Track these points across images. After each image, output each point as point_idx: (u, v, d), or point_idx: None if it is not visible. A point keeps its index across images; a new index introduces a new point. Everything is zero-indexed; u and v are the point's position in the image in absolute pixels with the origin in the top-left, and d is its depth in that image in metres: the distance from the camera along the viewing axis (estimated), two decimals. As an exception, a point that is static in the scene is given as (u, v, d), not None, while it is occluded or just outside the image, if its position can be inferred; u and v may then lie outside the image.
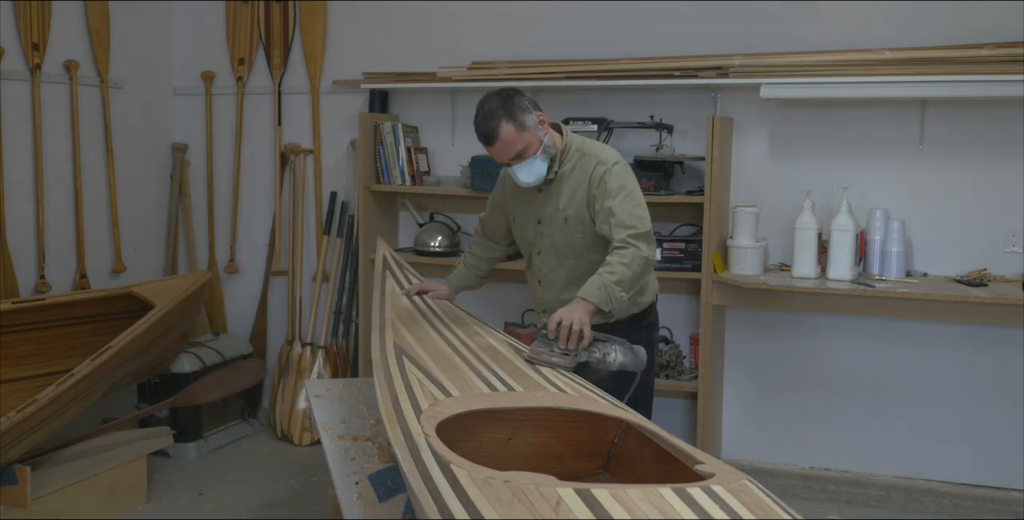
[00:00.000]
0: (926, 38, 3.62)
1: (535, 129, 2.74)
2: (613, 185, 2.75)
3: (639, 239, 2.69)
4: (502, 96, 2.74)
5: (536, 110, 2.76)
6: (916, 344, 3.76)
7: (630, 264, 2.66)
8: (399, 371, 2.40)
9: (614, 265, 2.66)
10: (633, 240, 2.69)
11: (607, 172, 2.77)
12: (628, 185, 2.76)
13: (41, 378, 3.73)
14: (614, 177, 2.76)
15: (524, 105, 2.73)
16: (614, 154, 2.85)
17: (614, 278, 2.64)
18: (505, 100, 2.72)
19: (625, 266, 2.65)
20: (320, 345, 4.56)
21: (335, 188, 4.66)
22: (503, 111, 2.70)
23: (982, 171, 3.64)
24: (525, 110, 2.72)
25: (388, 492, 2.38)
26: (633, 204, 2.74)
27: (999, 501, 3.65)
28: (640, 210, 2.74)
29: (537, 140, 2.75)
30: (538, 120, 2.76)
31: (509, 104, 2.71)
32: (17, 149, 4.03)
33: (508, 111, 2.70)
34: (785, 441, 3.97)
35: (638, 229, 2.70)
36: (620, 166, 2.80)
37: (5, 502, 3.21)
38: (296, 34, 4.66)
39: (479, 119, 2.74)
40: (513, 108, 2.71)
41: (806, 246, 3.62)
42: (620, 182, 2.76)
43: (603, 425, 2.31)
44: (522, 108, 2.72)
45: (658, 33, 4.01)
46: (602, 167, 2.78)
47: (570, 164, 2.84)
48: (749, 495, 1.69)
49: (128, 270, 4.57)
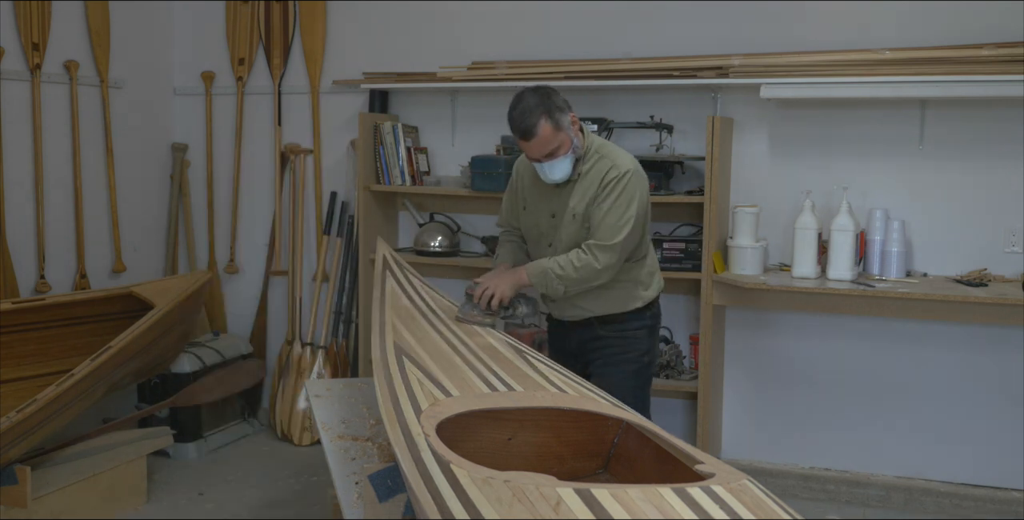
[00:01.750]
0: (926, 38, 3.62)
1: (568, 129, 2.83)
2: (614, 192, 2.85)
3: (603, 250, 2.83)
4: (540, 93, 2.81)
5: (571, 110, 2.85)
6: (916, 344, 3.76)
7: (579, 269, 2.84)
8: (399, 371, 2.40)
9: (568, 263, 2.85)
10: (597, 250, 2.84)
11: (617, 179, 2.86)
12: (625, 195, 2.85)
13: (41, 378, 3.73)
14: (620, 185, 2.85)
15: (560, 105, 2.81)
16: (630, 161, 2.92)
17: (559, 272, 2.86)
18: (544, 98, 2.79)
19: (575, 269, 2.85)
20: (320, 345, 4.56)
21: (335, 188, 4.66)
22: (542, 109, 2.77)
23: (982, 171, 3.63)
24: (561, 110, 2.81)
25: (388, 492, 2.38)
26: (619, 215, 2.84)
27: (999, 501, 3.65)
28: (621, 224, 2.84)
29: (569, 140, 2.84)
30: (571, 121, 2.84)
31: (548, 102, 2.79)
32: (17, 149, 4.03)
33: (547, 109, 2.78)
34: (785, 441, 3.97)
35: (606, 241, 2.83)
36: (631, 176, 2.87)
37: (5, 502, 3.21)
38: (296, 34, 4.66)
39: (517, 113, 2.80)
40: (551, 107, 2.79)
41: (806, 246, 3.62)
42: (621, 190, 2.85)
43: (603, 425, 2.32)
44: (559, 108, 2.80)
45: (658, 33, 4.01)
46: (615, 172, 2.87)
47: (588, 164, 2.91)
48: (749, 495, 1.69)
49: (128, 270, 4.57)
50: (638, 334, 3.04)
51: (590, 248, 2.85)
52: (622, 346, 3.03)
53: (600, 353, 3.05)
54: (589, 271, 2.85)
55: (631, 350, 3.04)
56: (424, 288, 3.17)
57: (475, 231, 4.34)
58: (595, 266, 2.84)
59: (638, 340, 3.05)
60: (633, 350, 3.04)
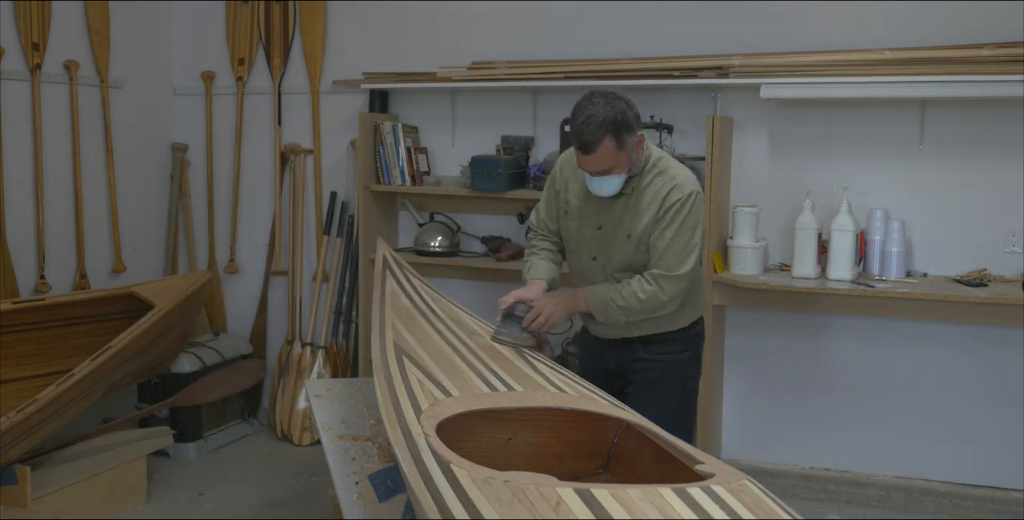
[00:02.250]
0: (926, 38, 3.62)
1: (631, 149, 2.60)
2: (678, 217, 2.65)
3: (669, 281, 2.65)
4: (614, 105, 2.54)
5: (639, 128, 2.61)
6: (916, 344, 3.76)
7: (644, 301, 2.66)
8: (399, 371, 2.40)
9: (630, 293, 2.67)
10: (663, 281, 2.65)
11: (681, 202, 2.65)
12: (690, 220, 2.66)
13: (41, 378, 3.73)
14: (685, 209, 2.65)
15: (631, 123, 2.56)
16: (692, 179, 2.71)
17: (621, 303, 2.68)
18: (617, 113, 2.53)
19: (639, 301, 2.66)
20: (320, 345, 4.56)
21: (335, 188, 4.66)
22: (610, 127, 2.52)
23: (982, 171, 3.63)
24: (631, 130, 2.56)
25: (388, 492, 2.38)
26: (684, 244, 2.66)
27: (999, 501, 3.65)
28: (689, 252, 2.67)
29: (628, 161, 2.61)
30: (637, 140, 2.61)
31: (619, 120, 2.53)
32: (17, 149, 4.03)
33: (615, 128, 2.52)
34: (785, 441, 3.97)
35: (673, 271, 2.65)
36: (696, 199, 2.67)
37: (5, 502, 3.22)
38: (296, 34, 4.66)
39: (581, 122, 2.54)
40: (621, 126, 2.53)
41: (806, 246, 3.62)
42: (686, 215, 2.65)
43: (603, 425, 2.31)
44: (629, 127, 2.55)
45: (658, 33, 4.01)
46: (678, 194, 2.65)
47: (646, 180, 2.69)
48: (749, 495, 1.69)
49: (128, 270, 4.57)
50: (682, 357, 2.84)
51: (655, 278, 2.65)
52: (664, 370, 2.82)
53: (639, 375, 2.83)
54: (655, 303, 2.67)
55: (674, 375, 2.84)
56: (424, 288, 3.17)
57: (475, 231, 4.34)
58: (661, 298, 2.66)
59: (682, 364, 2.85)
60: (676, 375, 2.84)
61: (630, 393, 2.80)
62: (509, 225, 4.28)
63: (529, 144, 4.15)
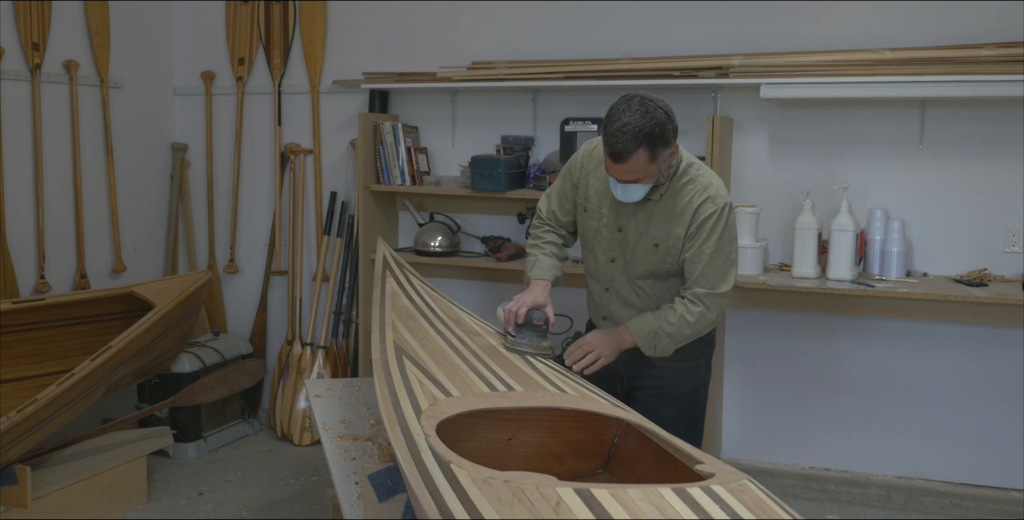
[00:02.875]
0: (926, 38, 3.62)
1: (663, 162, 2.50)
2: (715, 232, 2.57)
3: (714, 300, 2.60)
4: (655, 118, 2.41)
5: (675, 139, 2.49)
6: (916, 344, 3.76)
7: (693, 324, 2.60)
8: (399, 371, 2.40)
9: (678, 318, 2.60)
10: (708, 300, 2.60)
11: (715, 216, 2.57)
12: (727, 234, 2.59)
13: (41, 378, 3.73)
14: (721, 223, 2.57)
15: (669, 137, 2.45)
16: (724, 190, 2.63)
17: (670, 330, 2.60)
18: (655, 124, 2.41)
19: (688, 325, 2.60)
20: (320, 345, 4.56)
21: (335, 188, 4.66)
22: (646, 139, 2.40)
23: (982, 171, 3.63)
24: (667, 143, 2.45)
25: (388, 492, 2.38)
26: (724, 259, 2.60)
27: (999, 501, 3.65)
28: (729, 267, 2.61)
29: (658, 172, 2.52)
30: (671, 152, 2.51)
31: (656, 132, 2.41)
32: (17, 149, 4.03)
33: (651, 141, 2.41)
34: (785, 441, 3.97)
35: (717, 289, 2.60)
36: (727, 212, 2.59)
37: (5, 502, 3.22)
38: (296, 34, 4.66)
39: (617, 129, 2.41)
40: (657, 140, 2.42)
41: (806, 246, 3.62)
42: (722, 229, 2.58)
43: (603, 425, 2.31)
44: (666, 141, 2.44)
45: (658, 33, 4.01)
46: (710, 206, 2.57)
47: (675, 187, 2.61)
48: (749, 495, 1.69)
49: (128, 270, 4.57)
50: (697, 365, 2.79)
51: (700, 299, 2.59)
52: (678, 378, 2.77)
53: (652, 382, 2.77)
54: (704, 323, 2.61)
55: (687, 382, 2.79)
56: (424, 288, 3.17)
57: (475, 231, 4.34)
58: (710, 317, 2.60)
59: (696, 372, 2.79)
60: (689, 383, 2.79)
61: (639, 399, 2.75)
62: (509, 225, 4.28)
63: (529, 144, 4.16)
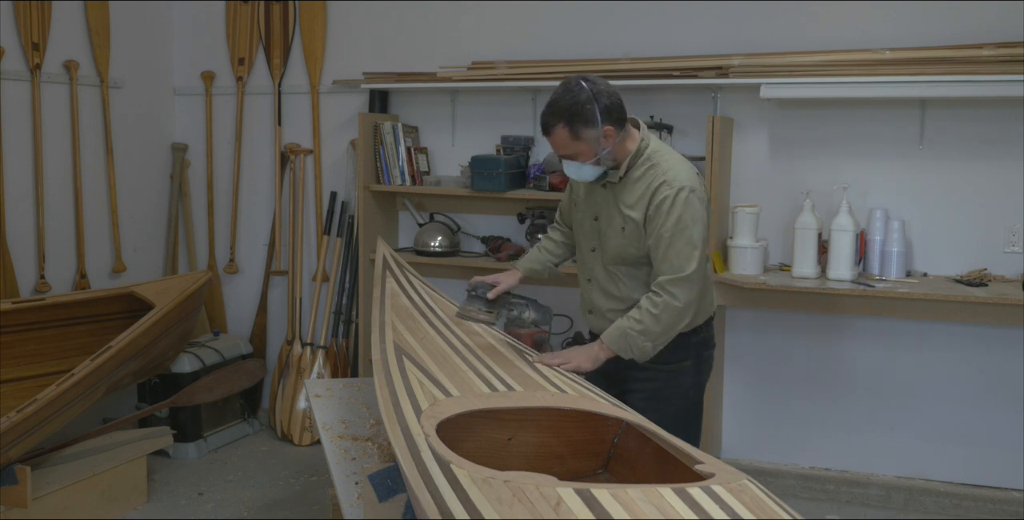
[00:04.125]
0: (926, 38, 3.62)
1: (593, 142, 2.54)
2: (672, 214, 2.55)
3: (677, 285, 2.53)
4: (577, 98, 2.51)
5: (606, 124, 2.53)
6: (916, 344, 3.76)
7: (659, 316, 2.53)
8: (399, 371, 2.40)
9: (643, 314, 2.55)
10: (671, 286, 2.53)
11: (671, 199, 2.54)
12: (687, 217, 2.54)
13: (41, 378, 3.73)
14: (677, 206, 2.54)
15: (592, 117, 2.51)
16: (685, 176, 2.59)
17: (638, 328, 2.55)
18: (575, 104, 2.51)
19: (654, 317, 2.54)
20: (320, 345, 4.56)
21: (335, 188, 4.66)
22: (565, 115, 2.52)
23: (982, 171, 3.63)
24: (590, 123, 2.51)
25: (388, 492, 2.38)
26: (685, 242, 2.54)
27: (999, 501, 3.65)
28: (689, 249, 2.55)
29: (591, 151, 2.56)
30: (603, 134, 2.54)
31: (577, 110, 2.51)
32: (17, 149, 4.03)
33: (570, 117, 2.51)
34: (785, 441, 3.97)
35: (680, 273, 2.53)
36: (685, 194, 2.55)
37: (5, 502, 3.22)
38: (296, 34, 4.66)
39: (547, 104, 2.56)
40: (576, 117, 2.51)
41: (806, 246, 3.62)
42: (679, 212, 2.54)
43: (603, 425, 2.31)
44: (587, 120, 2.51)
45: (658, 33, 4.01)
46: (667, 190, 2.55)
47: (638, 172, 2.62)
48: (749, 495, 1.69)
49: (128, 270, 4.57)
50: (682, 367, 2.72)
51: (662, 286, 2.53)
52: (663, 381, 2.72)
53: (639, 386, 2.74)
54: (671, 313, 2.53)
55: (674, 386, 2.73)
56: (424, 288, 3.17)
57: (475, 231, 4.34)
58: (676, 305, 2.52)
59: (682, 374, 2.73)
60: (676, 386, 2.73)
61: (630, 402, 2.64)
62: (509, 225, 4.28)
63: (529, 144, 4.16)
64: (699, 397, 2.81)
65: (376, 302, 3.05)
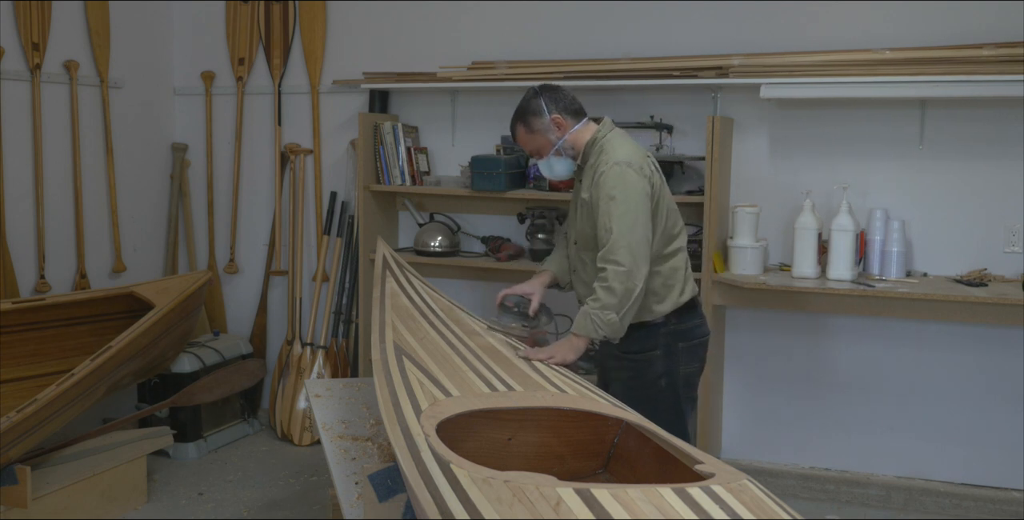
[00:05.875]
0: (926, 38, 3.62)
1: (545, 132, 2.81)
2: (605, 186, 2.64)
3: (615, 252, 2.59)
4: (527, 96, 2.85)
5: (553, 112, 2.79)
6: (916, 344, 3.76)
7: (610, 285, 2.58)
8: (399, 371, 2.40)
9: (597, 292, 2.62)
10: (610, 254, 2.60)
11: (605, 174, 2.65)
12: (619, 187, 2.62)
13: (41, 378, 3.73)
14: (609, 178, 2.64)
15: (539, 108, 2.80)
16: (624, 153, 2.69)
17: (596, 305, 2.61)
18: (527, 101, 2.83)
19: (606, 289, 2.59)
20: (320, 345, 4.56)
21: (335, 188, 4.66)
22: (519, 112, 2.84)
23: (982, 171, 3.64)
24: (538, 113, 2.80)
25: (388, 492, 2.38)
26: (619, 210, 2.61)
27: (999, 501, 3.65)
28: (624, 217, 2.60)
29: (548, 142, 2.82)
30: (551, 123, 2.80)
31: (526, 106, 2.83)
32: (17, 149, 4.03)
33: (522, 113, 2.83)
34: (785, 441, 3.97)
35: (618, 240, 2.59)
36: (620, 168, 2.63)
37: (5, 502, 3.22)
38: (296, 34, 4.66)
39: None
40: (527, 111, 2.82)
41: (806, 246, 3.62)
42: (611, 183, 2.63)
43: (603, 425, 2.31)
44: (535, 111, 2.81)
45: (658, 33, 4.01)
46: (603, 166, 2.67)
47: (592, 159, 2.77)
48: (749, 495, 1.69)
49: (128, 270, 4.57)
50: (651, 356, 2.77)
51: (604, 258, 2.61)
52: (634, 369, 2.79)
53: (616, 375, 2.85)
54: (619, 278, 2.57)
55: (644, 374, 2.78)
56: (424, 288, 3.17)
57: (475, 231, 4.34)
58: (620, 269, 2.57)
59: (651, 363, 2.77)
60: (647, 374, 2.78)
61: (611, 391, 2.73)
62: (509, 225, 4.28)
63: (529, 144, 4.15)
64: (673, 388, 2.80)
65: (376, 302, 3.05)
